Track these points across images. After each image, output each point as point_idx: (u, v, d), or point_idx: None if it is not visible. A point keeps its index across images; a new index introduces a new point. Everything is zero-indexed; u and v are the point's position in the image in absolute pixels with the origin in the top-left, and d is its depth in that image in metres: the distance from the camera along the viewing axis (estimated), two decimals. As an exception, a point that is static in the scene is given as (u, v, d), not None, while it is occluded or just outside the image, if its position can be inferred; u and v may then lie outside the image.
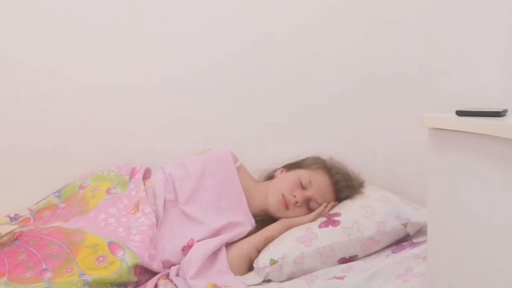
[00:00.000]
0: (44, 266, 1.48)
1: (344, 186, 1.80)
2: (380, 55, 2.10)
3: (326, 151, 1.94)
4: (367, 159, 2.08)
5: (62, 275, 1.47)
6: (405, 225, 1.67)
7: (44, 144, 2.01)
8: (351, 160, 1.92)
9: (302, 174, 1.80)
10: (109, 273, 1.50)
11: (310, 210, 1.77)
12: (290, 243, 1.62)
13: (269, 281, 1.59)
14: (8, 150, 2.01)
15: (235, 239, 1.70)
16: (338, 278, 1.50)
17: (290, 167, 1.89)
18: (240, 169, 1.88)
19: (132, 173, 1.88)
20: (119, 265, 1.52)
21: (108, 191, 1.80)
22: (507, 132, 0.96)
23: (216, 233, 1.69)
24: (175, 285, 1.53)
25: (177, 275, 1.60)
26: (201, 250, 1.61)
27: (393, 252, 1.63)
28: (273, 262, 1.58)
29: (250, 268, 1.66)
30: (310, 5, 2.11)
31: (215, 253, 1.64)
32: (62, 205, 1.79)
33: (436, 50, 1.81)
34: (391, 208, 1.70)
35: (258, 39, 2.09)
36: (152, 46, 2.06)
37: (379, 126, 2.13)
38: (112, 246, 1.56)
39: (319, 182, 1.79)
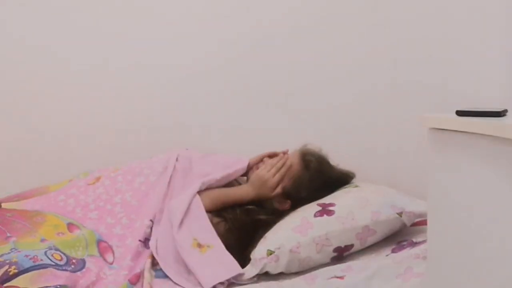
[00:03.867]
0: (8, 234, 1.55)
1: (310, 153, 1.85)
2: (380, 55, 2.10)
3: (326, 151, 1.94)
4: (367, 158, 2.08)
5: (26, 239, 1.54)
6: (400, 214, 1.66)
7: (42, 145, 2.02)
8: (351, 159, 1.92)
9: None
10: (69, 238, 1.58)
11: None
12: (286, 233, 1.63)
13: (266, 273, 1.59)
14: (8, 150, 2.01)
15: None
16: (338, 277, 1.50)
17: None
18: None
19: None
20: (78, 236, 1.59)
21: (70, 180, 1.85)
22: (507, 132, 0.96)
23: None
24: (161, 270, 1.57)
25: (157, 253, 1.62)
26: (180, 201, 1.68)
27: (393, 252, 1.63)
28: (270, 252, 1.58)
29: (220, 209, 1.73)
30: (311, 5, 2.11)
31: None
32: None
33: (436, 50, 1.82)
34: (386, 198, 1.71)
35: (258, 40, 2.10)
36: (153, 46, 2.07)
37: (379, 126, 2.14)
38: (70, 226, 1.64)
39: (292, 152, 1.88)
